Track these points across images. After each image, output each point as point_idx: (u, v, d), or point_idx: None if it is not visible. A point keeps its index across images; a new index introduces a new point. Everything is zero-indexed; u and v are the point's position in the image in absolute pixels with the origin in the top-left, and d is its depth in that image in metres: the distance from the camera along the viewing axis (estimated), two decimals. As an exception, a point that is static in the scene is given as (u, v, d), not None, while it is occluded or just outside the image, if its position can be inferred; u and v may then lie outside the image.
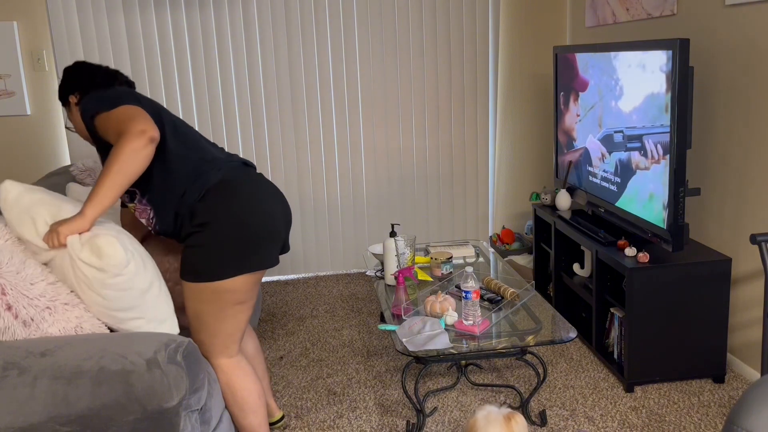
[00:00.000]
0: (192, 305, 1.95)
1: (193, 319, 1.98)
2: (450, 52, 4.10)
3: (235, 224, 1.87)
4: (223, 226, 1.86)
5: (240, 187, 1.92)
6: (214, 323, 1.95)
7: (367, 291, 3.96)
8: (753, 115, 2.56)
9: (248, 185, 1.94)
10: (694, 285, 2.59)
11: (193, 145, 1.95)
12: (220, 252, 1.86)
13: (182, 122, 2.01)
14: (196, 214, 1.88)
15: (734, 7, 2.61)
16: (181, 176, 1.90)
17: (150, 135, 1.75)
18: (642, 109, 2.67)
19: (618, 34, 3.56)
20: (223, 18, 3.88)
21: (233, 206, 1.88)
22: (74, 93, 2.11)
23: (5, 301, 1.66)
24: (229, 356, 2.02)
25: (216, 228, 1.86)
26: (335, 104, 4.08)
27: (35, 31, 3.78)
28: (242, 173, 1.97)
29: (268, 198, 1.96)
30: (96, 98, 1.87)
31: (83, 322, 1.76)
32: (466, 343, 2.22)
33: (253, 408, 2.06)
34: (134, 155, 1.73)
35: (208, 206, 1.87)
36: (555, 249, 3.38)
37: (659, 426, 2.41)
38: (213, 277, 1.88)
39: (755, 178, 2.58)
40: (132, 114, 1.79)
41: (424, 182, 4.27)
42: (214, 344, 1.99)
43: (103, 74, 2.12)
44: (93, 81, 2.10)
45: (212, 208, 1.87)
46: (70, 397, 1.54)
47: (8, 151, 3.91)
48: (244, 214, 1.88)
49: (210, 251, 1.87)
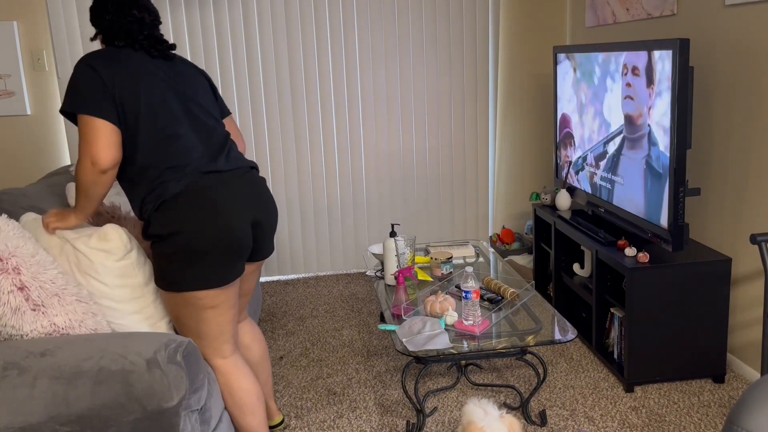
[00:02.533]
0: (168, 310, 1.95)
1: (175, 322, 1.97)
2: (450, 52, 4.10)
3: (189, 239, 1.79)
4: (175, 240, 1.79)
5: (198, 199, 1.82)
6: (195, 326, 1.92)
7: (367, 291, 3.96)
8: (753, 115, 2.56)
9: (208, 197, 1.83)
10: (694, 285, 2.59)
11: (163, 149, 1.84)
12: (173, 266, 1.82)
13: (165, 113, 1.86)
14: (151, 224, 1.83)
15: (734, 7, 2.61)
16: (141, 185, 1.85)
17: (100, 168, 1.76)
18: (642, 109, 2.67)
19: (618, 34, 3.56)
20: (223, 18, 3.88)
21: (188, 220, 1.80)
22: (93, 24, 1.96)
23: (19, 280, 1.70)
24: (223, 357, 2.00)
25: (169, 242, 1.80)
26: (335, 105, 4.08)
27: (35, 31, 3.78)
28: (206, 182, 1.85)
29: (230, 210, 1.85)
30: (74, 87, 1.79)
31: (87, 319, 1.78)
32: (466, 343, 2.22)
33: (251, 408, 2.04)
34: (91, 186, 1.79)
35: (162, 219, 1.81)
36: (555, 249, 3.38)
37: (659, 426, 2.41)
38: (172, 287, 1.85)
39: (755, 178, 2.58)
40: (88, 136, 1.76)
41: (424, 182, 4.26)
42: (203, 346, 1.97)
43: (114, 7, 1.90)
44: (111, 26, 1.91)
45: (165, 222, 1.80)
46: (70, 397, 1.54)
47: (8, 151, 3.91)
48: (198, 230, 1.80)
49: (165, 263, 1.83)
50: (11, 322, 1.69)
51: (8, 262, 1.69)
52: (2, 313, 1.69)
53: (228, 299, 1.92)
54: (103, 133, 1.76)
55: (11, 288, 1.68)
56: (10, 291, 1.68)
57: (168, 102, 1.87)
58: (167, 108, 1.86)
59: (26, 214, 2.01)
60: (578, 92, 3.24)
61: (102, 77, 1.79)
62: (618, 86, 2.84)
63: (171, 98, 1.89)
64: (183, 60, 2.03)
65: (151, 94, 1.84)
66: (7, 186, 3.96)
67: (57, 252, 1.88)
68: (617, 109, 2.87)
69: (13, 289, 1.69)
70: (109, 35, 1.91)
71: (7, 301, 1.68)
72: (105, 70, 1.80)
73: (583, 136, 3.24)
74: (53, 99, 3.87)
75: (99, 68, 1.80)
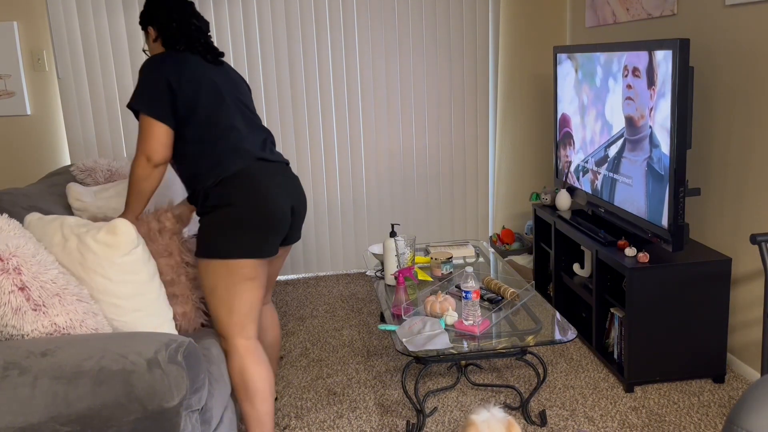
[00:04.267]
0: (206, 281, 2.09)
1: (209, 295, 2.10)
2: (450, 52, 4.10)
3: (243, 213, 2.04)
4: (230, 211, 2.04)
5: (252, 180, 2.07)
6: (228, 298, 2.07)
7: (367, 291, 3.97)
8: (753, 115, 2.57)
9: (262, 180, 2.08)
10: (694, 285, 2.59)
11: (221, 134, 2.10)
12: (224, 236, 2.03)
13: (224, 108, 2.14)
14: (209, 197, 2.06)
15: (734, 7, 2.61)
16: (201, 165, 2.08)
17: (154, 162, 2.05)
18: (643, 111, 2.67)
19: (618, 34, 3.57)
20: (223, 17, 3.88)
21: (242, 196, 2.04)
22: (152, 26, 2.21)
23: (20, 280, 1.70)
24: (247, 338, 2.11)
25: (225, 212, 2.04)
26: (335, 105, 4.08)
27: (35, 31, 3.79)
28: (258, 167, 2.11)
29: (277, 195, 2.10)
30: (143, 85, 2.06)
31: (88, 319, 1.78)
32: (466, 343, 2.22)
33: (263, 396, 2.10)
34: (144, 181, 2.08)
35: (221, 192, 2.05)
36: (555, 249, 3.38)
37: (659, 426, 2.41)
38: (220, 254, 2.04)
39: (755, 178, 2.58)
40: (146, 135, 2.05)
41: (424, 182, 4.27)
42: (232, 323, 2.08)
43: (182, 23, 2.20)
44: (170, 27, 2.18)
45: (224, 195, 2.04)
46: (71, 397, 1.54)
47: (8, 151, 3.91)
48: (251, 206, 2.05)
49: (218, 231, 2.04)
50: (12, 322, 1.69)
51: (9, 262, 1.69)
52: (3, 313, 1.69)
53: (262, 275, 2.12)
54: (160, 134, 2.05)
55: (12, 288, 1.69)
56: (11, 291, 1.68)
57: (225, 100, 2.15)
58: (225, 105, 2.14)
59: (31, 214, 2.04)
60: (580, 93, 3.24)
61: (169, 80, 2.05)
62: (620, 87, 2.84)
63: (227, 97, 2.16)
64: (229, 66, 2.30)
65: (211, 93, 2.12)
66: (7, 186, 3.96)
67: (60, 250, 1.88)
68: (619, 110, 2.87)
69: (13, 289, 1.69)
70: (171, 40, 2.18)
71: (8, 301, 1.68)
72: (173, 73, 2.06)
73: (584, 138, 3.24)
74: (53, 99, 3.88)
75: (167, 71, 2.06)
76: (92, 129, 3.92)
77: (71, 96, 3.86)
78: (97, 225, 1.92)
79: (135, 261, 1.91)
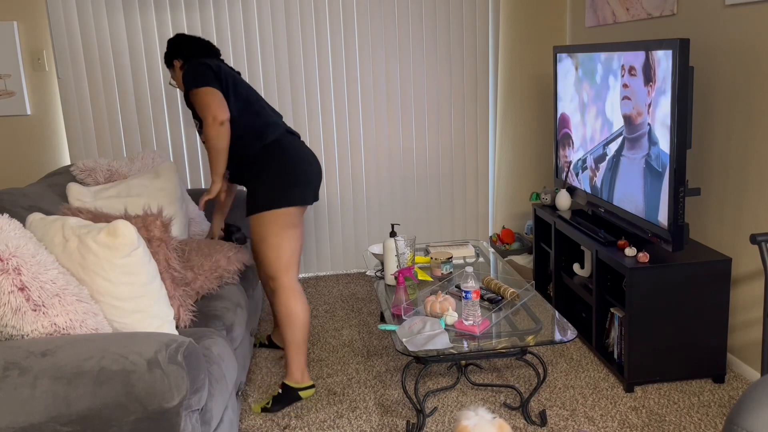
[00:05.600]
0: (257, 233, 2.54)
1: (259, 244, 2.55)
2: (450, 52, 4.10)
3: (284, 171, 2.52)
4: (274, 172, 2.52)
5: (289, 146, 2.59)
6: (277, 243, 2.53)
7: (367, 291, 3.97)
8: (753, 115, 2.57)
9: (295, 146, 2.60)
10: (694, 285, 2.59)
11: (259, 112, 2.61)
12: (272, 190, 2.51)
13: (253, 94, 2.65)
14: (255, 163, 2.56)
15: (734, 7, 2.61)
16: (246, 137, 2.56)
17: (220, 120, 2.46)
18: (640, 109, 2.67)
19: (618, 34, 3.57)
20: (223, 18, 3.88)
21: (283, 159, 2.55)
22: (177, 58, 2.71)
23: (20, 281, 1.69)
24: (291, 278, 2.56)
25: (270, 173, 2.52)
26: (335, 105, 4.08)
27: (35, 31, 3.79)
28: (291, 138, 2.64)
29: (307, 157, 2.61)
30: (191, 74, 2.50)
31: (88, 319, 1.78)
32: (466, 343, 2.22)
33: (301, 323, 2.58)
34: (216, 139, 2.48)
35: (264, 158, 2.55)
36: (555, 249, 3.38)
37: (659, 426, 2.41)
38: (270, 206, 2.50)
39: (755, 178, 2.58)
40: (208, 100, 2.46)
41: (424, 182, 4.27)
42: (280, 263, 2.54)
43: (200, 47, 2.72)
44: (192, 51, 2.70)
45: (268, 159, 2.54)
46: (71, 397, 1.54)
47: (8, 151, 3.91)
48: (290, 165, 2.54)
49: (266, 189, 2.51)
50: (12, 323, 1.69)
51: (9, 263, 1.69)
52: (3, 313, 1.69)
53: (301, 225, 2.60)
54: (215, 95, 2.47)
55: (12, 288, 1.69)
56: (11, 291, 1.68)
57: (250, 91, 2.65)
58: (252, 94, 2.65)
59: (33, 214, 2.05)
60: (580, 91, 3.24)
61: (212, 67, 2.53)
62: (619, 85, 2.84)
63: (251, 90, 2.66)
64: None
65: (240, 80, 2.63)
66: (7, 186, 3.96)
67: (60, 251, 1.88)
68: (618, 108, 2.87)
69: (13, 289, 1.69)
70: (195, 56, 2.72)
71: (8, 302, 1.68)
72: (211, 63, 2.56)
73: (584, 136, 3.24)
74: (53, 99, 3.88)
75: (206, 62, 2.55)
76: (92, 129, 3.92)
77: (71, 96, 3.86)
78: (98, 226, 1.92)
79: (135, 263, 1.91)
